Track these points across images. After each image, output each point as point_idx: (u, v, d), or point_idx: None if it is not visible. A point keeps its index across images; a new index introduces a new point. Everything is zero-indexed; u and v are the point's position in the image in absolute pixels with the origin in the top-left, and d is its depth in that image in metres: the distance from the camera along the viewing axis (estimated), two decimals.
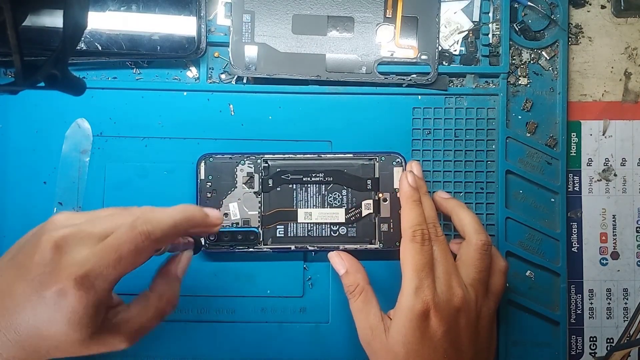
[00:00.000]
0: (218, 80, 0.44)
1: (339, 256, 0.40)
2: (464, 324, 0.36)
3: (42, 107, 0.43)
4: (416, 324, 0.35)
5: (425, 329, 0.35)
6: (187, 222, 0.32)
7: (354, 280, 0.38)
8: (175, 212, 0.32)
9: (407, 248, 0.36)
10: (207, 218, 0.34)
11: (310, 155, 0.42)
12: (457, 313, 0.36)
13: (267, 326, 0.43)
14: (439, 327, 0.35)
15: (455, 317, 0.36)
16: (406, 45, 0.43)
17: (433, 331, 0.35)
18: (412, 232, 0.36)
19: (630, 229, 0.45)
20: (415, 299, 0.35)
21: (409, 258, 0.36)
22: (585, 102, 0.45)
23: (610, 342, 0.44)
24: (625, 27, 0.45)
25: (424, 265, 0.36)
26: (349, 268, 0.39)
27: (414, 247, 0.36)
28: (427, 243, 0.36)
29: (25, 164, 0.43)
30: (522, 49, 0.44)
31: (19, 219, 0.42)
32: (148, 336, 0.42)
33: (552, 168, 0.44)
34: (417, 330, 0.35)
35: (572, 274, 0.44)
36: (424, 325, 0.35)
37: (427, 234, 0.36)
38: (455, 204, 0.40)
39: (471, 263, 0.37)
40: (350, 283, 0.39)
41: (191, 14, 0.42)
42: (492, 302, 0.38)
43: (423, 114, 0.44)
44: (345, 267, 0.39)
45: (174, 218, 0.32)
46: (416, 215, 0.37)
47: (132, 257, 0.30)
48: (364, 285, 0.38)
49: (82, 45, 0.41)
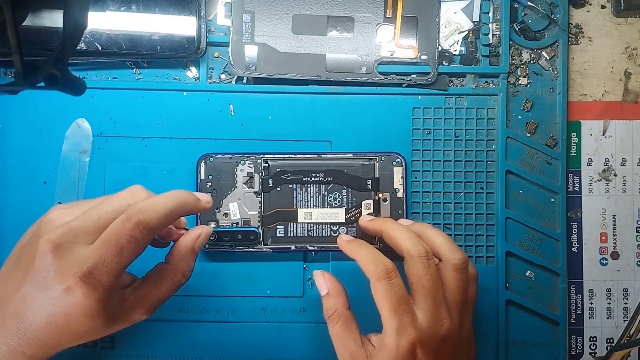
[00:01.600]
0: (218, 80, 0.44)
1: (323, 277, 0.38)
2: (449, 350, 0.35)
3: (42, 107, 0.43)
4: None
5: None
6: (180, 208, 0.33)
7: (334, 304, 0.37)
8: (168, 200, 0.32)
9: (377, 288, 0.34)
10: (199, 202, 0.35)
11: (310, 155, 0.42)
12: (443, 342, 0.35)
13: (267, 326, 0.43)
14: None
15: (442, 347, 0.35)
16: (406, 45, 0.43)
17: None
18: (375, 269, 0.35)
19: (630, 229, 0.45)
20: (399, 339, 0.34)
21: (381, 298, 0.34)
22: (585, 102, 0.45)
23: (610, 342, 0.44)
24: (625, 27, 0.45)
25: (399, 303, 0.34)
26: (330, 290, 0.37)
27: (382, 285, 0.34)
28: (394, 275, 0.35)
29: (25, 164, 0.43)
30: (522, 49, 0.44)
31: (19, 219, 0.42)
32: (148, 336, 0.42)
33: (552, 168, 0.44)
34: None
35: (572, 274, 0.44)
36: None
37: (390, 266, 0.35)
38: (422, 226, 0.39)
39: (453, 285, 0.36)
40: (329, 307, 0.37)
41: (191, 14, 0.42)
42: (470, 313, 0.37)
43: (423, 114, 0.44)
44: (327, 288, 0.38)
45: (167, 206, 0.32)
46: (369, 252, 0.36)
47: (131, 248, 0.31)
48: (342, 311, 0.37)
49: (82, 45, 0.41)
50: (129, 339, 0.42)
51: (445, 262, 0.36)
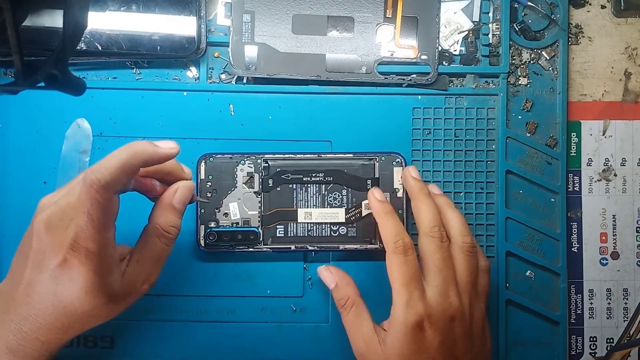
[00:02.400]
0: (218, 80, 0.44)
1: (329, 270, 0.40)
2: (460, 332, 0.36)
3: (42, 107, 0.43)
4: (411, 337, 0.34)
5: (420, 341, 0.34)
6: (134, 158, 0.32)
7: (345, 293, 0.38)
8: (120, 152, 0.32)
9: (392, 261, 0.36)
10: (158, 149, 0.33)
11: (310, 155, 0.42)
12: (452, 322, 0.35)
13: (267, 326, 0.43)
14: (435, 338, 0.34)
15: (451, 326, 0.35)
16: (406, 45, 0.43)
17: (429, 342, 0.35)
18: (394, 243, 0.36)
19: (630, 229, 0.45)
20: (407, 312, 0.34)
21: (394, 271, 0.35)
22: (585, 102, 0.45)
23: (610, 342, 0.44)
24: (625, 27, 0.45)
25: (411, 277, 0.35)
26: (338, 282, 0.39)
27: (397, 259, 0.35)
28: (411, 252, 0.36)
29: (25, 164, 0.43)
30: (522, 49, 0.44)
31: (19, 219, 0.42)
32: (148, 336, 0.42)
33: (552, 168, 0.44)
34: (412, 343, 0.34)
35: (572, 274, 0.44)
36: (419, 337, 0.34)
37: (408, 243, 0.36)
38: (444, 202, 0.39)
39: (460, 266, 0.37)
40: (340, 297, 0.38)
41: (191, 14, 0.42)
42: (482, 303, 0.38)
43: (423, 114, 0.44)
44: (335, 281, 0.39)
45: (119, 158, 0.31)
46: (393, 224, 0.37)
47: (98, 209, 0.30)
48: (354, 298, 0.38)
49: (82, 45, 0.41)
50: (129, 339, 0.42)
51: (454, 244, 0.37)
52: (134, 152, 0.32)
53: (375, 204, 0.38)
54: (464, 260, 0.37)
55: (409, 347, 0.34)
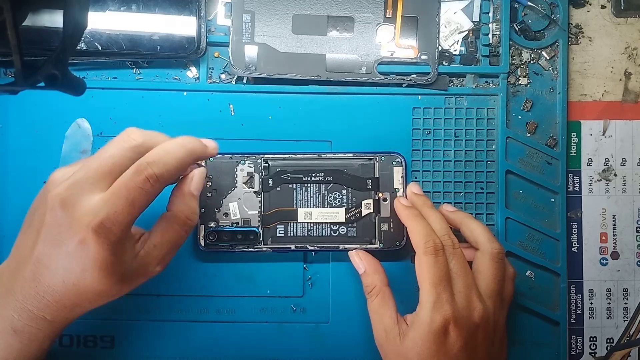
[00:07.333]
0: (218, 80, 0.44)
1: (359, 256, 0.40)
2: (482, 338, 0.36)
3: (42, 107, 0.43)
4: (433, 338, 0.34)
5: (442, 343, 0.34)
6: (189, 156, 0.34)
7: (372, 281, 0.38)
8: (177, 149, 0.33)
9: (422, 261, 0.35)
10: (207, 149, 0.36)
11: (310, 155, 0.42)
12: (476, 328, 0.35)
13: (267, 326, 0.43)
14: (457, 342, 0.34)
15: (474, 332, 0.35)
16: (406, 45, 0.43)
17: (450, 345, 0.34)
18: (424, 244, 0.36)
19: (630, 229, 0.45)
20: (434, 313, 0.34)
21: (424, 271, 0.35)
22: (585, 102, 0.45)
23: (610, 342, 0.44)
24: (625, 27, 0.45)
25: (440, 278, 0.35)
26: (367, 268, 0.39)
27: (428, 259, 0.35)
28: (441, 254, 0.36)
29: (25, 164, 0.43)
30: (522, 49, 0.44)
31: (19, 219, 0.42)
32: (148, 336, 0.42)
33: (552, 168, 0.44)
34: (433, 344, 0.34)
35: (572, 274, 0.44)
36: (442, 339, 0.34)
37: (439, 244, 0.36)
38: (464, 215, 0.40)
39: (489, 273, 0.37)
40: (368, 283, 0.39)
41: (191, 14, 0.42)
42: (505, 311, 0.38)
43: (423, 114, 0.44)
44: (364, 267, 0.39)
45: (176, 156, 0.32)
46: (422, 227, 0.37)
47: (142, 200, 0.31)
48: (381, 287, 0.38)
49: (82, 45, 0.41)
50: (128, 339, 0.42)
51: (483, 251, 0.37)
52: (190, 151, 0.34)
53: (402, 210, 0.39)
54: (493, 268, 0.37)
55: (430, 348, 0.34)
